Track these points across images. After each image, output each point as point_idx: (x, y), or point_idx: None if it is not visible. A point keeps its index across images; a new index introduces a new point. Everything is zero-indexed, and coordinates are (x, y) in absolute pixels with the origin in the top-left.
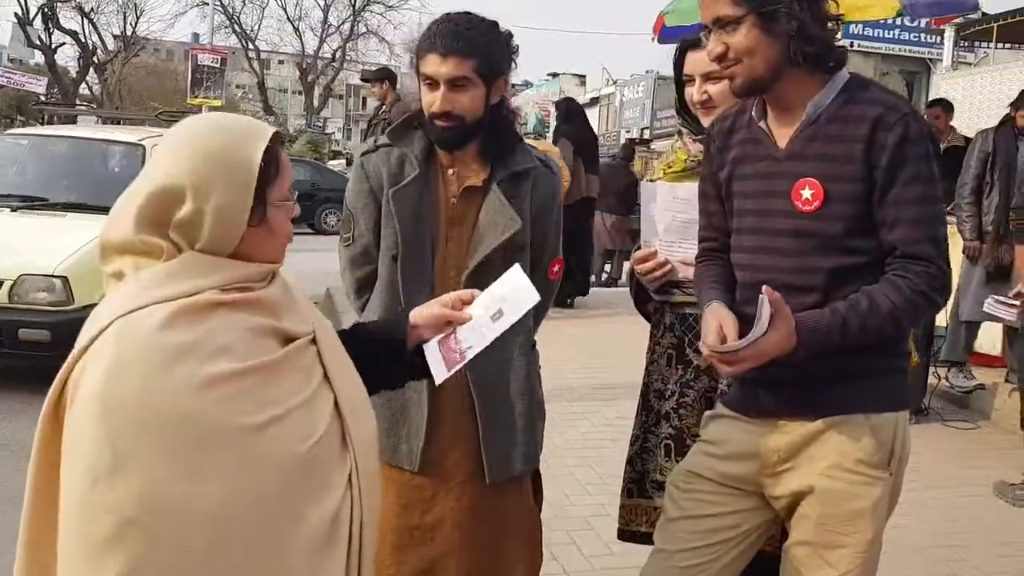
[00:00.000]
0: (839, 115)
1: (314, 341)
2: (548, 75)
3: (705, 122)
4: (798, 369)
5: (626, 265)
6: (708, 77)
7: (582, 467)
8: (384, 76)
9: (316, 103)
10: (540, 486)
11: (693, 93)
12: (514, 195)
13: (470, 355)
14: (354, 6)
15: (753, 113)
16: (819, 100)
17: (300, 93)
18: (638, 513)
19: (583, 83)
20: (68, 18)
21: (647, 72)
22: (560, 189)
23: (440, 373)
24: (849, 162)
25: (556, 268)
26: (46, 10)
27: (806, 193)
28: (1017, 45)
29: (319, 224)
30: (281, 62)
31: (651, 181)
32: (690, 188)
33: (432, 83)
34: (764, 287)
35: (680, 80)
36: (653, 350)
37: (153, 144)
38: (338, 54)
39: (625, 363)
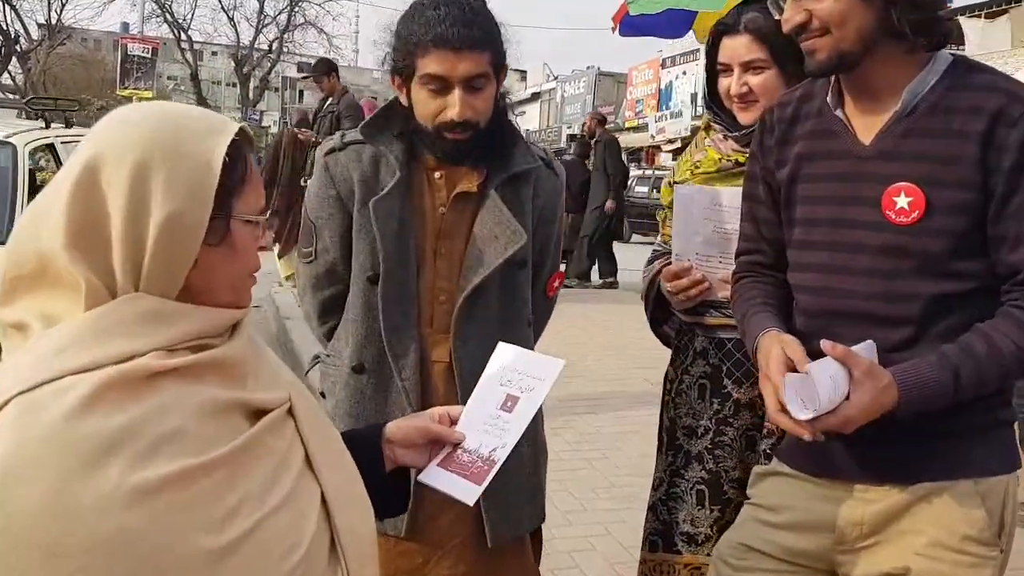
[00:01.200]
0: (944, 105)
1: (291, 412)
2: None
3: (742, 118)
4: (887, 424)
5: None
6: (749, 66)
7: (560, 492)
8: (329, 69)
9: (252, 96)
10: (540, 537)
11: (731, 84)
12: (514, 201)
13: (502, 456)
14: None
15: (828, 99)
16: (918, 85)
17: (235, 85)
18: (664, 570)
19: (524, 78)
20: None
21: (588, 68)
22: (563, 191)
23: (469, 492)
24: (958, 164)
25: (556, 284)
26: None
27: (901, 201)
28: None
29: None
30: (215, 53)
31: (669, 189)
32: (735, 194)
33: (441, 86)
34: (823, 342)
35: (713, 69)
36: (680, 380)
37: (32, 143)
38: (275, 45)
39: (596, 370)
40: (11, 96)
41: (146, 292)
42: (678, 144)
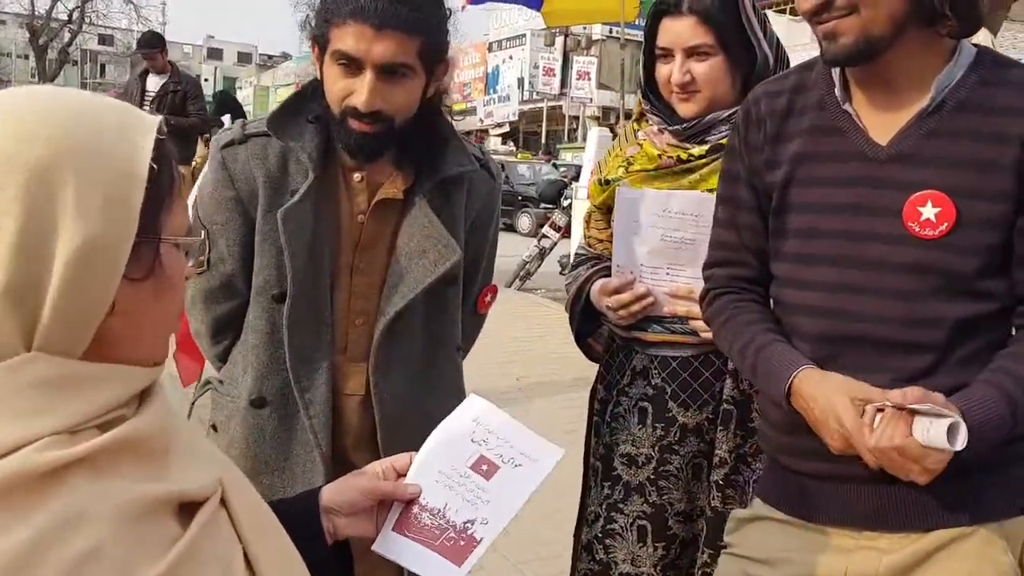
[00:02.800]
0: (975, 102)
1: (223, 501)
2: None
3: (683, 109)
4: None
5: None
6: (693, 52)
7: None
8: (163, 43)
9: (48, 69)
10: None
11: (673, 71)
12: (445, 210)
13: (485, 536)
14: None
15: (837, 92)
16: (945, 78)
17: (27, 57)
18: None
19: None
20: None
21: None
22: (500, 196)
23: (447, 572)
24: (993, 171)
25: (488, 298)
26: None
27: (927, 212)
28: None
29: None
30: (3, 22)
31: (598, 187)
32: (686, 198)
33: (352, 65)
34: (934, 395)
35: (651, 52)
36: (616, 402)
37: None
38: (75, 15)
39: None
40: None
41: (43, 351)
42: (507, 128)
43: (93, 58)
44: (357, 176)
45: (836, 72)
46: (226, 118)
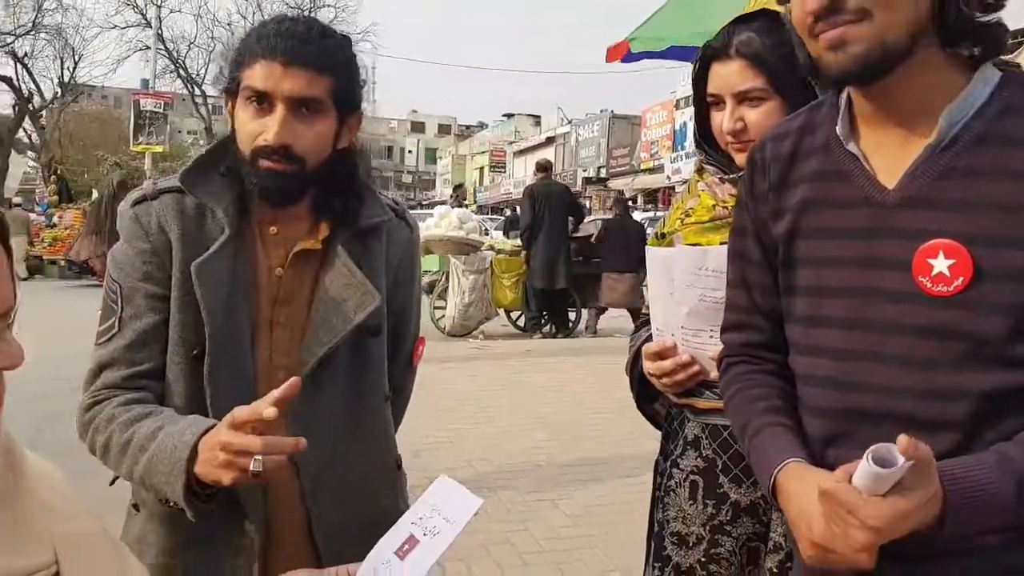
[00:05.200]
0: (996, 135)
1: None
2: (503, 116)
3: (739, 159)
4: (921, 559)
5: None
6: (744, 98)
7: None
8: None
9: None
10: None
11: (723, 120)
12: (363, 259)
13: None
14: None
15: (838, 130)
16: (960, 108)
17: None
18: None
19: (538, 123)
20: (1, 64)
21: (602, 111)
22: (419, 245)
23: None
24: (1019, 213)
25: (420, 349)
26: None
27: (939, 264)
28: None
29: None
30: None
31: (660, 244)
32: (722, 254)
33: (262, 102)
34: (901, 437)
35: (703, 99)
36: (669, 473)
37: None
38: None
39: (600, 432)
40: (29, 155)
41: None
42: None
43: None
44: (273, 229)
45: (843, 106)
46: None
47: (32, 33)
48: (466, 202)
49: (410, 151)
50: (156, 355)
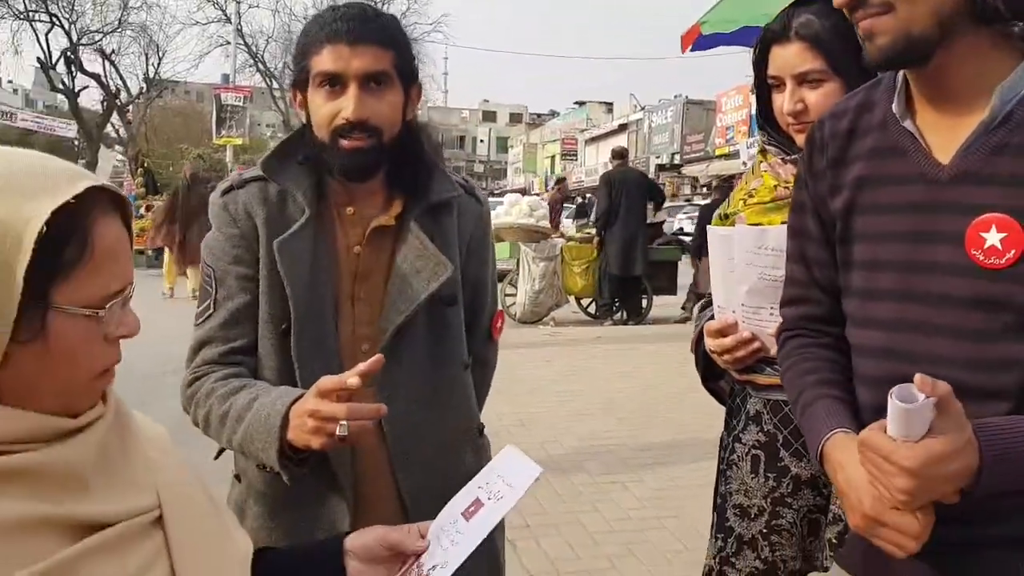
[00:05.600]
0: None
1: (160, 523)
2: (575, 103)
3: (799, 140)
4: (970, 523)
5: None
6: (803, 79)
7: (626, 557)
8: None
9: None
10: None
11: (784, 101)
12: (437, 232)
13: (442, 574)
14: None
15: (894, 107)
16: (1012, 86)
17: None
18: None
19: (610, 110)
20: (91, 61)
21: (675, 97)
22: (490, 220)
23: None
24: None
25: (499, 324)
26: (69, 54)
27: (992, 237)
28: None
29: None
30: None
31: (723, 223)
32: (781, 233)
33: (335, 84)
34: (916, 375)
35: (763, 82)
36: (731, 448)
37: None
38: None
39: (671, 417)
40: (117, 149)
41: None
42: None
43: None
44: (350, 210)
45: (900, 85)
46: None
47: (119, 31)
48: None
49: (482, 140)
50: (249, 332)
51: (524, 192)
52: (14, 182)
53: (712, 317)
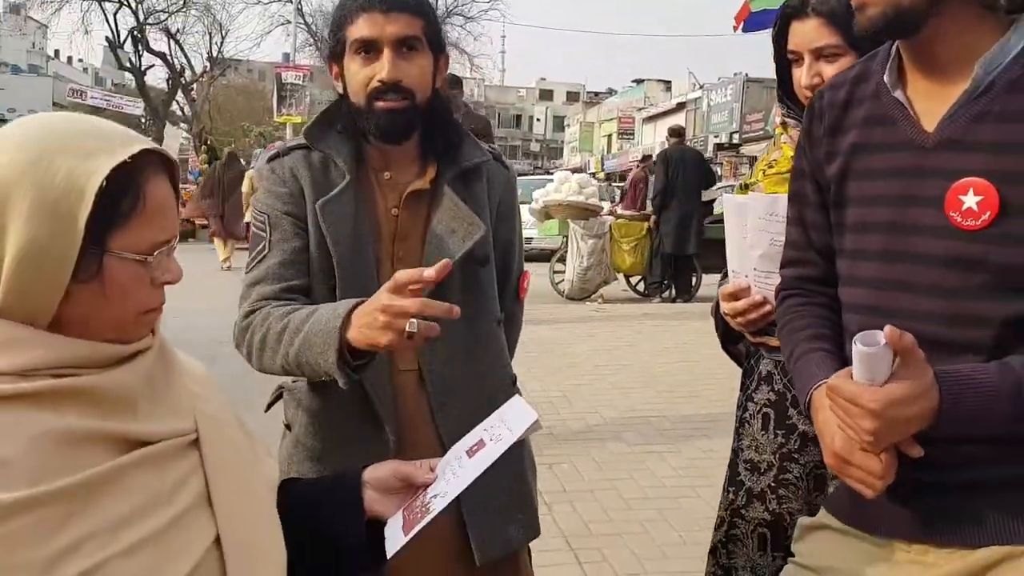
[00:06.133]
0: None
1: (196, 445)
2: (632, 82)
3: None
4: (942, 467)
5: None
6: (820, 54)
7: (658, 522)
8: (460, 84)
9: None
10: (529, 555)
11: (801, 75)
12: (469, 196)
13: (437, 506)
14: None
15: (885, 78)
16: (995, 57)
17: None
18: None
19: (668, 88)
20: (157, 40)
21: (735, 75)
22: (516, 186)
23: (395, 540)
24: None
25: (526, 284)
26: (136, 33)
27: (969, 200)
28: None
29: None
30: None
31: (740, 191)
32: None
33: (370, 49)
34: (887, 327)
35: (783, 58)
36: (744, 407)
37: None
38: None
39: (710, 390)
40: (182, 126)
41: (7, 318)
42: None
43: None
44: (387, 175)
45: (892, 56)
46: None
47: (183, 10)
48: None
49: (538, 119)
50: (303, 274)
51: (580, 171)
52: (78, 143)
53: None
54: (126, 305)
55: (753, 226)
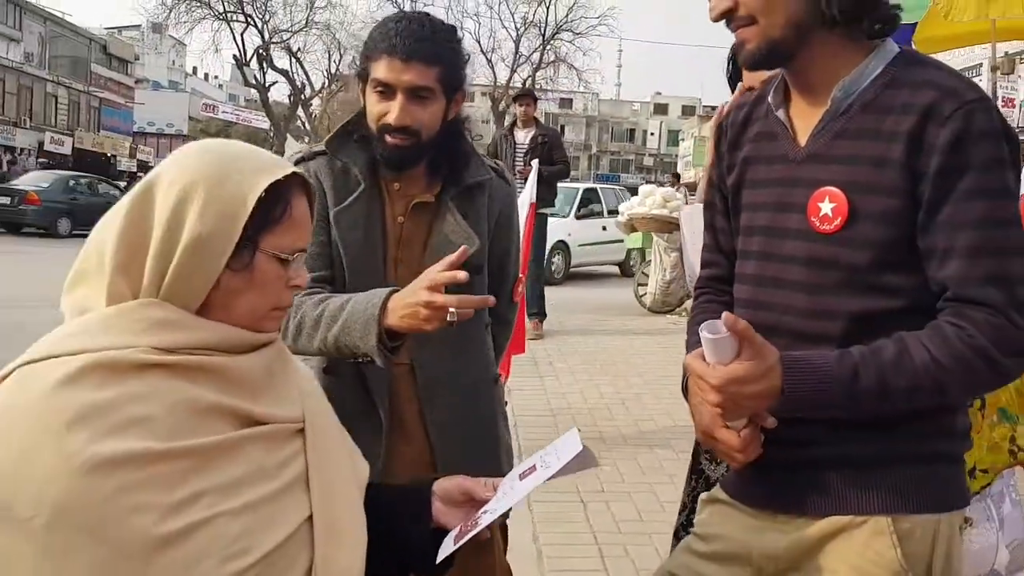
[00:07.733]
0: (879, 103)
1: (302, 434)
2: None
3: None
4: (795, 446)
5: None
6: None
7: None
8: (534, 97)
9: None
10: (506, 536)
11: None
12: (469, 211)
13: (485, 521)
14: (544, 35)
15: (770, 99)
16: (852, 81)
17: (488, 122)
18: None
19: None
20: (280, 58)
21: None
22: (516, 199)
23: (446, 548)
24: (884, 167)
25: (520, 288)
26: (261, 52)
27: (825, 207)
28: None
29: None
30: (484, 94)
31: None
32: None
33: (386, 91)
34: (724, 315)
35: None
36: None
37: None
38: (528, 83)
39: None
40: (305, 139)
41: (166, 300)
42: None
43: (555, 120)
44: (396, 186)
45: (778, 81)
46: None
47: (305, 29)
48: None
49: (652, 133)
50: (328, 267)
51: (692, 186)
52: (244, 163)
53: None
54: (265, 296)
55: (698, 233)
